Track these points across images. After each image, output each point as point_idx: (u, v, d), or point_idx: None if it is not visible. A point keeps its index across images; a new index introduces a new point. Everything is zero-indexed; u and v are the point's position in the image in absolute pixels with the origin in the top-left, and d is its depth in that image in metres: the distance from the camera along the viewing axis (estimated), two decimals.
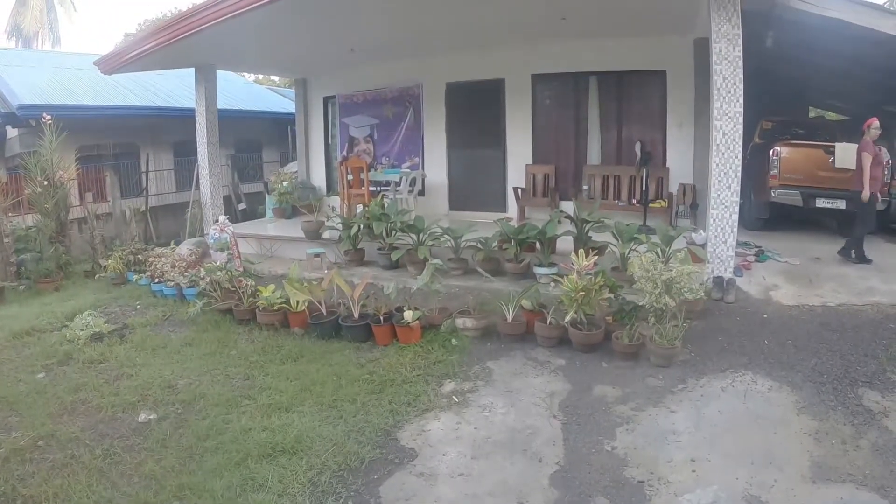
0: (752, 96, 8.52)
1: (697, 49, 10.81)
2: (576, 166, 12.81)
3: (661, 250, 7.56)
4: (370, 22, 11.06)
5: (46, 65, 18.88)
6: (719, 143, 7.79)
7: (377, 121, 15.18)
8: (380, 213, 9.87)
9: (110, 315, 8.67)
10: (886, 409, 4.92)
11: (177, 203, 16.80)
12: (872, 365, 5.70)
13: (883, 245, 10.41)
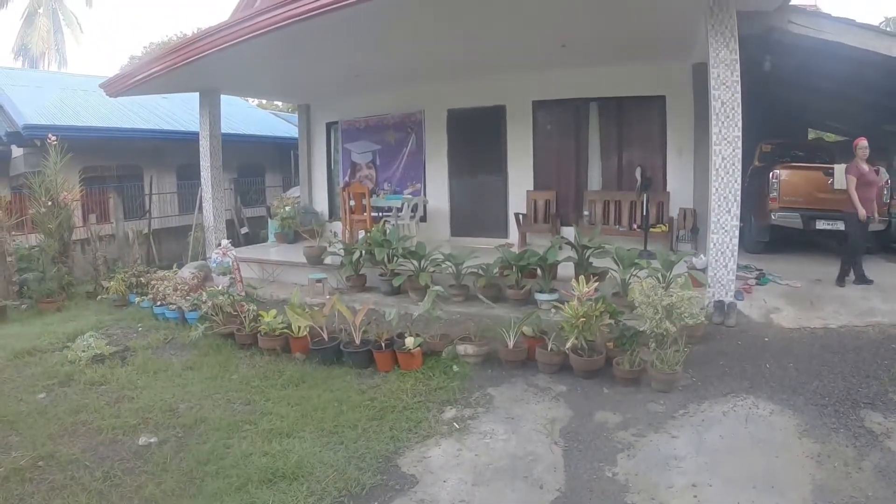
0: (752, 119, 8.59)
1: (696, 74, 10.93)
2: (576, 192, 12.91)
3: (662, 275, 7.59)
4: (373, 49, 11.18)
5: (52, 85, 18.98)
6: (718, 167, 7.83)
7: (379, 147, 15.30)
8: (381, 239, 9.91)
9: (112, 337, 8.68)
10: (889, 430, 4.91)
11: (179, 226, 16.84)
12: (874, 386, 5.70)
13: (883, 265, 10.43)
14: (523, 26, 9.92)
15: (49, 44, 36.81)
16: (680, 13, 8.67)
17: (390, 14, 9.02)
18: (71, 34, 38.56)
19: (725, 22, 7.76)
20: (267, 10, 9.29)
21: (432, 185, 14.52)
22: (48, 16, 37.15)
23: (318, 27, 9.15)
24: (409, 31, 10.16)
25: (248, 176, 20.66)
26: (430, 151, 14.58)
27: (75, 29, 38.60)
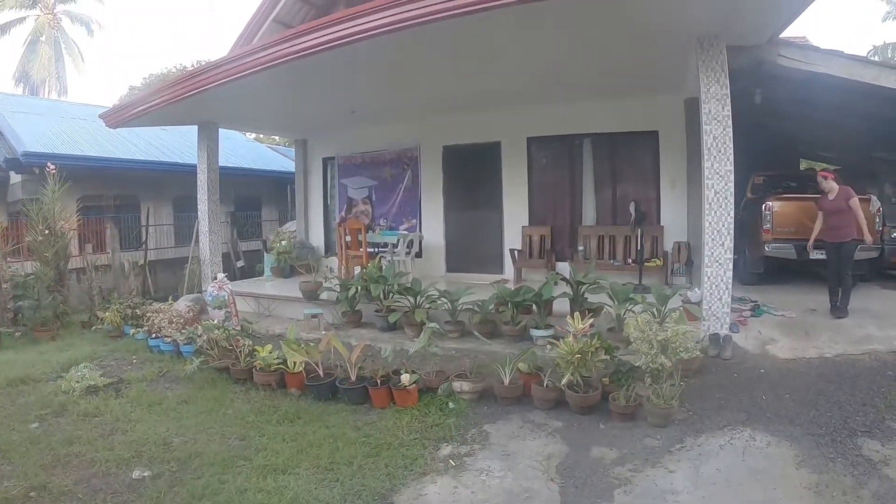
0: (744, 151, 8.70)
1: (688, 108, 11.08)
2: (571, 227, 13.03)
3: (657, 310, 7.61)
4: (369, 86, 11.37)
5: (53, 113, 19.15)
6: (711, 201, 7.91)
7: (375, 182, 15.42)
8: (378, 276, 9.95)
9: (106, 368, 8.66)
10: (887, 457, 4.92)
11: (175, 258, 16.83)
12: (871, 414, 5.72)
13: (878, 291, 10.54)
14: (518, 64, 10.14)
15: (50, 71, 37.09)
16: (671, 49, 8.83)
17: (387, 53, 9.14)
18: (72, 63, 38.91)
19: (716, 57, 7.92)
20: (266, 46, 9.45)
21: (428, 220, 14.62)
22: (50, 44, 37.49)
23: (316, 64, 9.32)
24: (406, 68, 10.35)
25: (244, 209, 20.71)
26: (426, 187, 14.70)
27: (76, 58, 38.97)
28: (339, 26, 8.34)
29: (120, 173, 16.94)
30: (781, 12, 7.54)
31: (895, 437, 5.27)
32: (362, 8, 8.18)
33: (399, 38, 8.13)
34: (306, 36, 8.75)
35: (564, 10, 7.61)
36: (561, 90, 11.64)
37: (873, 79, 8.34)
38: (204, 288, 12.24)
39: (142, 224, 16.82)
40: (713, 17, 7.59)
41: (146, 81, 37.59)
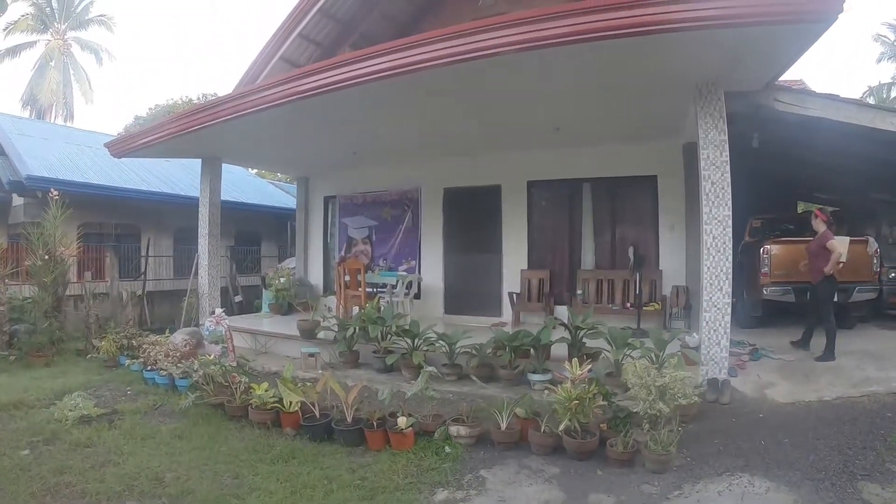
0: (741, 195, 8.75)
1: (686, 153, 11.22)
2: (570, 271, 13.10)
3: (655, 355, 7.59)
4: (372, 128, 11.58)
5: (58, 138, 19.34)
6: (709, 246, 7.99)
7: (376, 223, 15.51)
8: (376, 317, 9.94)
9: (100, 398, 8.60)
10: (887, 500, 4.90)
11: (173, 290, 16.84)
12: (871, 457, 5.70)
13: (876, 332, 10.61)
14: (518, 110, 10.34)
15: (58, 96, 37.45)
16: (670, 96, 9.00)
17: (390, 96, 9.31)
18: (79, 89, 39.30)
19: (714, 103, 8.08)
20: (270, 85, 9.62)
21: (427, 262, 14.68)
22: (59, 69, 37.93)
23: (319, 105, 9.48)
24: (408, 111, 10.56)
25: (244, 244, 20.78)
26: (426, 229, 14.79)
27: (84, 85, 39.38)
28: (344, 69, 8.53)
29: (122, 202, 17.07)
30: (778, 60, 7.72)
31: (895, 481, 5.25)
32: (366, 52, 8.39)
33: (402, 82, 8.32)
34: (310, 77, 8.93)
35: (564, 59, 7.78)
36: (561, 135, 11.85)
37: (869, 122, 8.50)
38: (201, 322, 12.23)
39: (142, 254, 16.83)
40: (712, 65, 7.78)
41: (151, 112, 37.98)
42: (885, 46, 39.04)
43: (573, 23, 7.02)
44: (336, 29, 15.05)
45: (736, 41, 7.09)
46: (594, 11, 7.01)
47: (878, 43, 39.30)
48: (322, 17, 14.54)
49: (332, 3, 14.33)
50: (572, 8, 7.23)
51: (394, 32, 14.79)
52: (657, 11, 6.73)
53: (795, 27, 6.66)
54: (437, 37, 7.74)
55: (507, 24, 7.35)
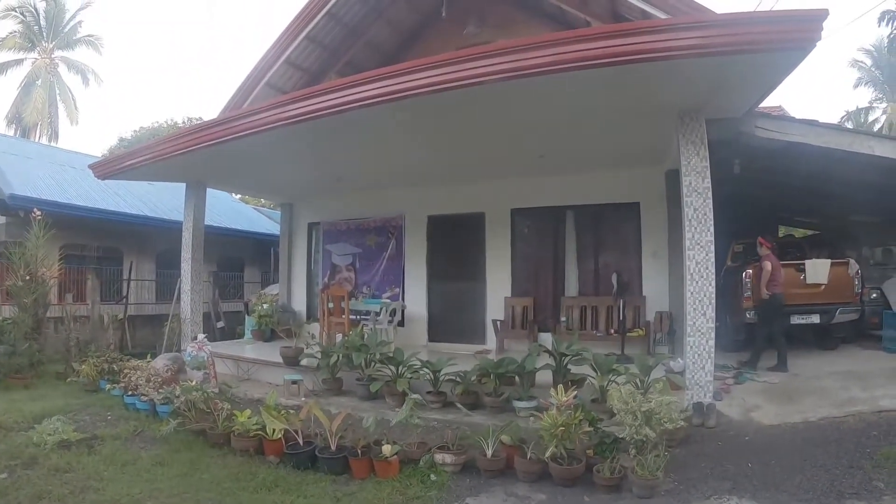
0: (724, 220, 8.85)
1: (669, 180, 11.31)
2: (554, 298, 13.13)
3: (640, 380, 7.62)
4: (356, 155, 11.65)
5: (42, 158, 19.30)
6: (692, 271, 8.05)
7: (360, 250, 15.52)
8: (360, 344, 9.91)
9: (80, 422, 8.50)
10: None
11: (155, 314, 16.77)
12: (858, 475, 5.73)
13: (860, 352, 10.71)
14: (503, 139, 10.46)
15: (43, 116, 37.37)
16: (653, 123, 9.11)
17: (375, 123, 9.39)
18: (65, 110, 39.27)
19: (696, 131, 8.21)
20: (255, 111, 9.70)
21: (411, 289, 14.67)
22: (45, 88, 37.90)
23: (304, 131, 9.55)
24: (393, 139, 10.61)
25: (227, 269, 20.72)
26: (410, 256, 14.81)
27: (70, 105, 39.33)
28: (330, 96, 8.61)
29: (105, 224, 17.00)
30: (757, 88, 7.88)
31: (883, 498, 5.29)
32: (353, 79, 8.47)
33: (388, 110, 8.39)
34: (297, 103, 8.99)
35: (549, 87, 7.86)
36: (545, 163, 11.94)
37: (848, 146, 8.74)
38: (183, 347, 12.14)
39: (123, 278, 16.73)
40: (694, 93, 7.92)
41: (136, 134, 37.98)
42: (862, 72, 39.84)
43: (557, 52, 7.11)
44: (322, 56, 15.18)
45: (716, 70, 7.23)
46: (578, 41, 7.13)
47: (854, 69, 40.10)
48: (309, 44, 14.66)
49: (320, 30, 14.47)
50: (556, 38, 7.36)
51: (379, 61, 14.94)
52: (641, 41, 6.88)
53: (774, 55, 6.81)
54: (424, 65, 7.84)
55: (492, 54, 7.46)
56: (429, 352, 11.94)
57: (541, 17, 14.16)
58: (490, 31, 14.18)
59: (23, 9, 36.53)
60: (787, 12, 6.74)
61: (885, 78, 38.79)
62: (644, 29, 7.24)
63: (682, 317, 8.79)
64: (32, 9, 37.08)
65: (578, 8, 12.96)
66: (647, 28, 7.31)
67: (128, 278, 16.69)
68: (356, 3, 14.36)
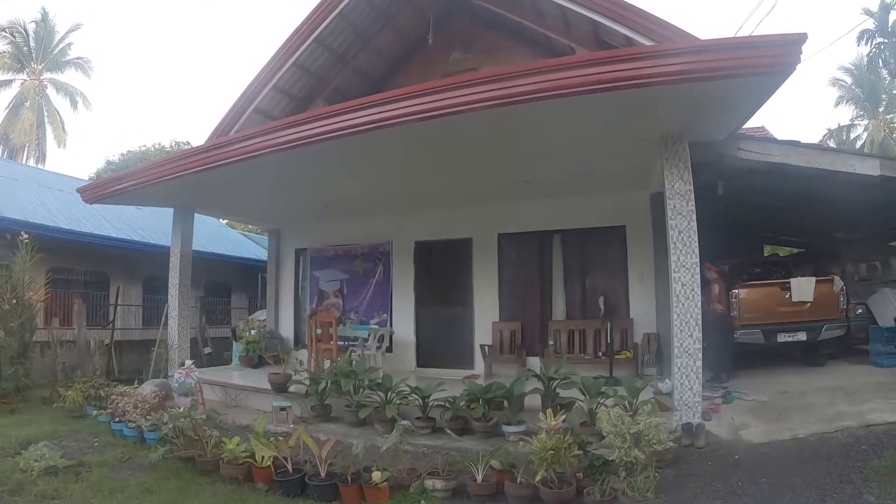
0: (709, 241, 8.93)
1: (654, 203, 11.40)
2: (542, 322, 13.15)
3: (629, 403, 7.63)
4: (343, 181, 11.73)
5: (30, 180, 19.32)
6: (679, 293, 8.10)
7: (347, 276, 15.55)
8: (348, 370, 9.90)
9: (66, 449, 8.44)
10: None
11: (141, 339, 16.72)
12: (848, 489, 5.77)
13: (847, 367, 10.80)
14: (489, 164, 10.59)
15: (31, 137, 37.43)
16: (637, 148, 9.23)
17: (362, 150, 9.50)
18: (52, 132, 39.25)
19: (679, 154, 8.30)
20: (244, 137, 9.80)
21: (399, 315, 14.69)
22: (34, 109, 37.93)
23: (291, 159, 9.60)
24: (381, 165, 10.75)
25: (214, 294, 20.68)
26: (398, 282, 14.86)
27: (58, 128, 39.34)
28: (318, 123, 8.73)
29: (91, 248, 16.98)
30: (739, 111, 8.07)
31: None
32: (341, 107, 8.64)
33: (376, 137, 8.46)
34: (286, 130, 9.10)
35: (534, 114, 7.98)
36: (531, 188, 12.04)
37: (830, 164, 8.90)
38: (170, 373, 12.07)
39: (110, 303, 16.67)
40: (677, 117, 8.09)
41: (124, 158, 37.93)
42: (843, 90, 40.46)
43: (542, 80, 7.25)
44: (310, 82, 15.29)
45: (698, 95, 7.37)
46: (562, 69, 7.27)
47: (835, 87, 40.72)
48: (297, 71, 14.77)
49: (308, 57, 14.58)
50: (541, 66, 7.49)
51: (366, 87, 15.09)
52: (623, 68, 7.02)
53: (754, 80, 6.94)
54: (410, 93, 7.95)
55: (477, 82, 7.59)
56: (417, 377, 11.92)
57: (526, 44, 14.33)
58: (476, 58, 14.35)
59: (13, 29, 36.63)
60: (766, 37, 6.93)
61: (865, 95, 39.43)
62: (626, 56, 7.36)
63: (669, 338, 8.84)
64: (22, 29, 37.18)
65: (562, 34, 13.10)
66: (629, 55, 7.43)
67: (115, 303, 16.63)
68: (344, 30, 14.52)
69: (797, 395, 9.14)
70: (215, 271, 20.38)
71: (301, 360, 12.75)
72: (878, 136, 37.13)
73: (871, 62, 35.08)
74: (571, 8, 11.82)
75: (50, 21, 38.37)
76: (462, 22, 15.02)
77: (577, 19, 12.26)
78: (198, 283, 16.40)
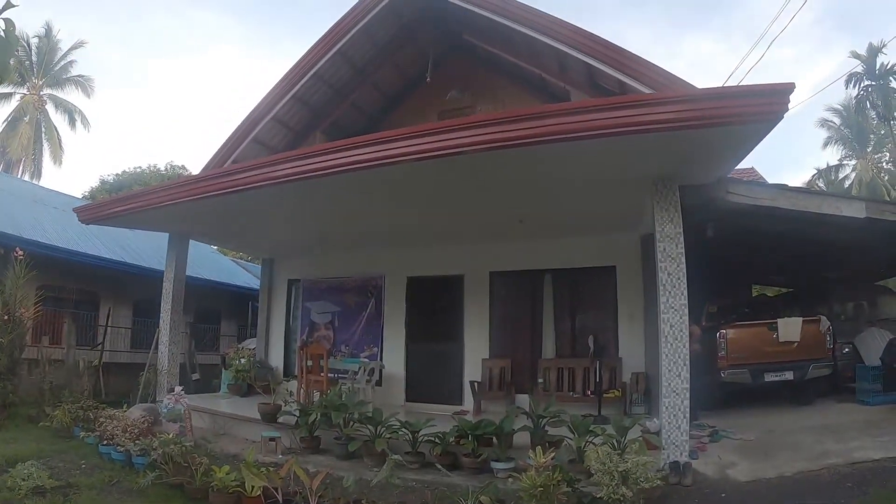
0: (698, 281, 9.04)
1: (644, 244, 11.55)
2: (531, 359, 13.23)
3: (617, 441, 7.69)
4: (337, 216, 11.93)
5: (26, 196, 19.35)
6: (667, 334, 8.22)
7: (339, 308, 15.61)
8: (339, 403, 9.95)
9: (54, 469, 8.37)
10: None
11: (129, 362, 16.69)
12: None
13: (835, 405, 10.88)
14: (483, 203, 10.79)
15: (28, 152, 37.40)
16: (628, 191, 9.44)
17: (358, 186, 9.64)
18: (49, 148, 39.19)
19: (669, 198, 8.50)
20: (244, 169, 9.95)
21: (389, 349, 14.76)
22: (32, 124, 37.97)
23: (289, 192, 9.77)
24: (375, 202, 10.87)
25: (203, 321, 20.64)
26: (389, 316, 14.93)
27: (55, 145, 39.27)
28: (316, 159, 8.93)
29: (84, 268, 16.95)
30: (728, 157, 8.37)
31: None
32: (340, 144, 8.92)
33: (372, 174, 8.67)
34: (285, 164, 9.30)
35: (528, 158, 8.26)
36: (523, 227, 12.22)
37: (816, 207, 9.12)
38: (159, 398, 12.09)
39: (100, 324, 16.66)
40: (667, 163, 8.32)
41: (119, 178, 37.94)
42: (831, 131, 41.19)
43: (537, 125, 7.49)
44: (308, 115, 15.48)
45: (689, 141, 7.61)
46: (557, 115, 7.52)
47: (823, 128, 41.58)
48: (296, 104, 14.95)
49: (307, 90, 14.77)
50: (536, 111, 7.75)
51: (363, 122, 15.36)
52: (617, 115, 7.26)
53: (744, 127, 7.19)
54: (410, 133, 8.18)
55: (473, 125, 7.87)
56: (406, 412, 11.95)
57: (522, 84, 14.59)
58: (472, 97, 14.61)
59: None
60: (756, 87, 7.19)
61: (853, 136, 40.29)
62: (620, 104, 7.59)
63: (657, 377, 8.92)
64: (25, 43, 36.98)
65: (558, 77, 13.36)
66: (622, 103, 7.67)
67: (105, 325, 16.63)
68: (343, 66, 14.72)
69: (784, 433, 9.21)
70: (205, 297, 20.36)
71: (291, 390, 12.77)
72: (867, 176, 37.82)
73: (860, 104, 35.71)
74: (568, 52, 12.07)
75: (53, 37, 38.41)
76: (460, 61, 15.31)
77: (572, 63, 12.53)
78: (188, 308, 16.33)
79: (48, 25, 37.58)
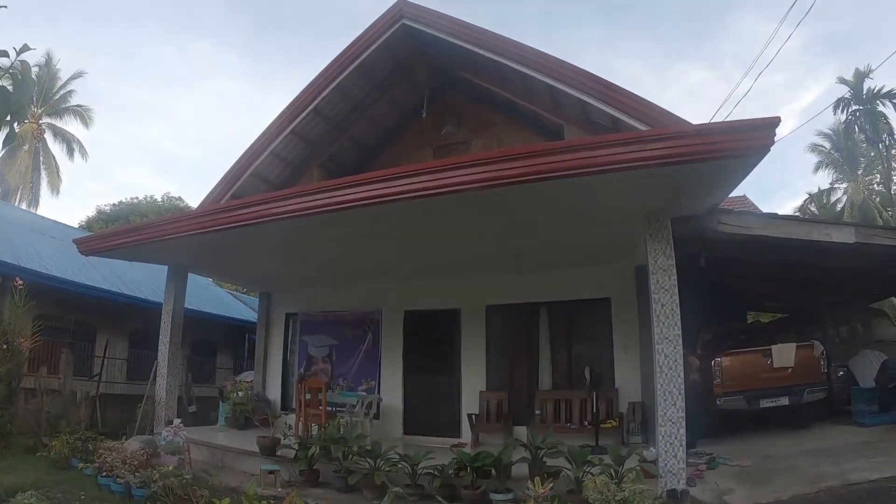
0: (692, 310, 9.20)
1: (638, 275, 11.59)
2: (528, 391, 13.31)
3: (614, 471, 7.74)
4: (334, 251, 12.10)
5: (24, 224, 19.36)
6: (662, 364, 8.35)
7: (336, 342, 15.68)
8: (338, 437, 10.00)
9: (53, 500, 8.35)
10: None
11: (125, 394, 16.58)
12: None
13: (831, 428, 10.96)
14: (477, 238, 10.98)
15: (26, 181, 37.39)
16: (622, 224, 9.65)
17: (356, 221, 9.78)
18: (47, 177, 39.18)
19: (662, 231, 8.68)
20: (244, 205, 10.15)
21: (387, 382, 14.82)
22: (30, 152, 37.97)
23: (288, 227, 9.93)
24: (372, 237, 11.03)
25: (200, 353, 20.61)
26: (386, 350, 15.03)
27: (52, 174, 39.29)
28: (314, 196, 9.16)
29: (81, 299, 16.93)
30: (717, 189, 8.58)
31: None
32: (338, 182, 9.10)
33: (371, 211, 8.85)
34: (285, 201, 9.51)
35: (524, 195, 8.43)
36: (520, 261, 12.43)
37: (806, 235, 9.27)
38: (157, 430, 12.12)
39: (97, 355, 16.65)
40: (659, 197, 8.53)
41: (115, 208, 38.02)
42: (822, 155, 41.62)
43: (532, 164, 7.70)
44: (306, 150, 15.71)
45: (680, 175, 7.82)
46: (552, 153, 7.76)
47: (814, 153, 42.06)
48: (294, 139, 15.21)
49: (305, 125, 15.03)
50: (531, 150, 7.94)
51: (360, 155, 15.62)
52: (609, 153, 7.48)
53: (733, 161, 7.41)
54: (407, 172, 8.40)
55: (469, 164, 8.09)
56: (404, 445, 11.97)
57: (517, 120, 14.85)
58: (467, 132, 14.84)
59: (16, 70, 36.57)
60: (744, 122, 7.36)
61: (843, 159, 40.83)
62: (612, 142, 7.76)
63: (653, 407, 9.02)
64: None
65: (552, 112, 13.61)
66: (615, 140, 7.81)
67: (103, 356, 16.64)
68: (340, 101, 15.00)
69: (781, 458, 9.27)
70: (202, 329, 20.36)
71: (289, 423, 12.81)
72: (858, 199, 38.00)
73: (848, 128, 36.15)
74: (561, 89, 12.34)
75: (54, 66, 38.39)
76: (455, 96, 15.57)
77: (566, 99, 12.79)
78: (184, 340, 16.29)
79: (48, 55, 37.66)
